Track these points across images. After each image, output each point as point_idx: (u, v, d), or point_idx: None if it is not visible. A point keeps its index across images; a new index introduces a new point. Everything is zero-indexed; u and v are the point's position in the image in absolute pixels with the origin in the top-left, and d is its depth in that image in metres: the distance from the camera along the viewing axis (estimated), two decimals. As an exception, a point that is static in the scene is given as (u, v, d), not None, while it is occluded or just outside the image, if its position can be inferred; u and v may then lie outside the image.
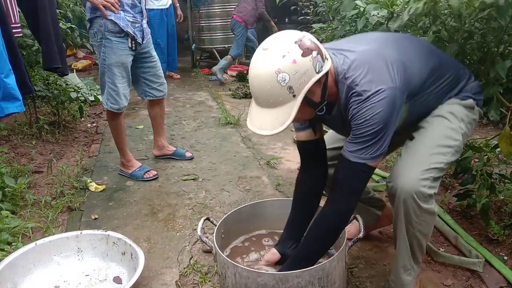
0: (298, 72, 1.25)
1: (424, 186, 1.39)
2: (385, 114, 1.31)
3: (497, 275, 1.76)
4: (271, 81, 1.25)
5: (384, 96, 1.30)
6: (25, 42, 3.29)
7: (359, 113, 1.33)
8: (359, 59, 1.37)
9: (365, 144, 1.33)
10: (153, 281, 1.84)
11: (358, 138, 1.34)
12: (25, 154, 3.19)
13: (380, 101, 1.30)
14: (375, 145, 1.33)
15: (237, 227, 1.86)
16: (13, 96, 2.24)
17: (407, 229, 1.47)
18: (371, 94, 1.31)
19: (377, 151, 1.35)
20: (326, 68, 1.31)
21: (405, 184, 1.40)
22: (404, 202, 1.41)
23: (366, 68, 1.35)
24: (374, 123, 1.31)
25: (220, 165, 3.10)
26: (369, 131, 1.32)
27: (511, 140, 1.72)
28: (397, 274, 1.58)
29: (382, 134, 1.33)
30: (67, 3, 4.13)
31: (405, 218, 1.45)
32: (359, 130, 1.34)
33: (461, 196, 2.13)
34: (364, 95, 1.32)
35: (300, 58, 1.25)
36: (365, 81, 1.33)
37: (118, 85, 2.65)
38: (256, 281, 1.43)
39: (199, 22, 6.79)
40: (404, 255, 1.54)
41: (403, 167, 1.45)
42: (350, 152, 1.36)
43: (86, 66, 6.94)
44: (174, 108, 4.74)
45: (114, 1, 2.50)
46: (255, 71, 1.30)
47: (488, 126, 3.72)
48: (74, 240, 1.92)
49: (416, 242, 1.50)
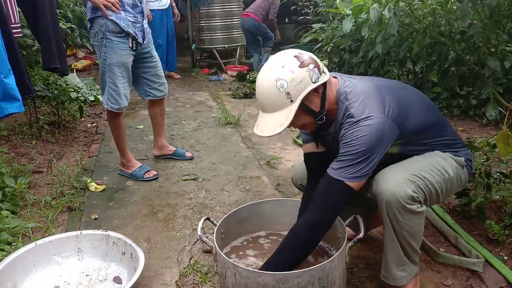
0: (295, 80, 1.42)
1: (408, 187, 1.45)
2: (370, 138, 1.42)
3: (497, 275, 1.76)
4: (272, 88, 1.44)
5: (372, 122, 1.42)
6: (25, 42, 3.29)
7: (347, 133, 1.45)
8: (362, 89, 1.52)
9: (347, 163, 1.44)
10: (153, 281, 1.84)
11: (342, 156, 1.45)
12: (25, 154, 3.19)
13: (368, 126, 1.42)
14: (357, 166, 1.43)
15: (237, 227, 1.86)
16: (13, 96, 2.24)
17: (394, 228, 1.50)
18: (362, 119, 1.44)
19: (358, 172, 1.43)
20: (322, 80, 1.47)
21: (389, 185, 1.46)
22: (387, 202, 1.46)
23: (364, 97, 1.49)
24: (358, 144, 1.42)
25: (220, 165, 3.10)
26: (352, 151, 1.43)
27: (509, 140, 1.72)
28: (387, 268, 1.59)
29: (365, 157, 1.42)
30: (67, 3, 4.13)
31: (389, 218, 1.48)
32: (344, 149, 1.45)
33: (459, 194, 2.14)
34: (355, 118, 1.45)
35: (297, 69, 1.43)
36: (360, 107, 1.46)
37: (119, 85, 2.65)
38: (256, 281, 1.43)
39: (199, 22, 6.78)
40: (393, 250, 1.55)
41: (389, 172, 1.51)
42: (333, 169, 1.47)
43: (86, 66, 6.94)
44: (174, 108, 4.74)
45: (115, 1, 2.50)
46: (259, 80, 1.49)
47: (488, 126, 3.73)
48: (74, 240, 1.93)
49: (405, 241, 1.52)
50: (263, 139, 3.63)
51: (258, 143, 3.55)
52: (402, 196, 1.43)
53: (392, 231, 1.51)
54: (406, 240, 1.52)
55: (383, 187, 1.47)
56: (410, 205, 1.45)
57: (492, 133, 3.26)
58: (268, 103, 1.46)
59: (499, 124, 3.04)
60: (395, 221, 1.48)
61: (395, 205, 1.44)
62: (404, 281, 1.59)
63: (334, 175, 1.45)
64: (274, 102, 1.44)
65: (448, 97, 4.03)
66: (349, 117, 1.46)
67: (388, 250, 1.56)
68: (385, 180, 1.48)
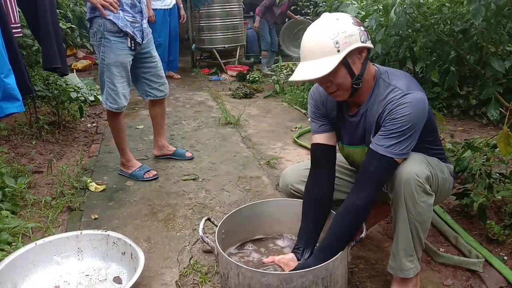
0: (346, 33, 1.45)
1: (425, 168, 1.50)
2: (417, 114, 1.46)
3: (497, 275, 1.76)
4: (323, 34, 1.46)
5: (419, 96, 1.48)
6: (25, 42, 3.29)
7: (397, 108, 1.47)
8: (401, 72, 1.61)
9: (396, 139, 1.47)
10: (153, 281, 1.84)
11: (390, 133, 1.48)
12: (25, 154, 3.19)
13: (417, 100, 1.47)
14: (405, 142, 1.47)
15: (237, 227, 1.86)
16: (13, 96, 2.24)
17: (408, 212, 1.50)
18: (410, 93, 1.48)
19: (405, 149, 1.48)
20: (369, 44, 1.51)
21: (407, 165, 1.49)
22: (406, 180, 1.47)
23: (405, 77, 1.56)
24: (407, 120, 1.45)
25: (220, 165, 3.10)
26: (402, 126, 1.46)
27: (510, 140, 1.72)
28: (396, 257, 1.59)
29: (411, 132, 1.47)
30: (67, 3, 4.13)
31: (405, 199, 1.49)
32: (392, 125, 1.47)
33: (460, 195, 2.14)
34: (404, 92, 1.48)
35: (350, 24, 1.47)
36: (405, 84, 1.51)
37: (117, 85, 2.65)
38: (260, 281, 1.43)
39: (199, 22, 6.78)
40: (404, 237, 1.55)
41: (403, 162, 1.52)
42: (381, 146, 1.49)
43: (86, 66, 6.94)
44: (174, 108, 4.74)
45: (113, 0, 2.50)
46: (310, 27, 1.52)
47: (488, 126, 3.73)
48: (74, 240, 1.92)
49: (415, 230, 1.53)
50: (263, 139, 3.63)
51: (258, 143, 3.55)
52: (420, 174, 1.47)
53: (406, 216, 1.51)
54: (416, 228, 1.52)
55: (402, 168, 1.49)
56: (426, 185, 1.48)
57: (492, 133, 3.26)
58: (315, 48, 1.46)
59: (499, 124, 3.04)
60: (411, 202, 1.48)
61: (413, 183, 1.46)
62: (411, 273, 1.58)
63: (384, 153, 1.48)
64: (321, 48, 1.44)
65: (448, 97, 4.03)
66: (396, 91, 1.49)
67: (399, 237, 1.56)
68: (402, 163, 1.50)
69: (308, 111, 1.83)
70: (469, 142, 2.23)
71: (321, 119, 1.74)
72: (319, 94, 1.73)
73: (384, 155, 1.48)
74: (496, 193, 2.06)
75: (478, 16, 1.67)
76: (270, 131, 3.90)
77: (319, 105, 1.74)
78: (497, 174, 2.22)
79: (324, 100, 1.72)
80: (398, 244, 1.57)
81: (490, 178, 2.05)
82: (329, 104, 1.71)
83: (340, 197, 1.74)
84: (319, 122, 1.74)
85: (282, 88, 5.33)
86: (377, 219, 2.05)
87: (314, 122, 1.76)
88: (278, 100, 5.05)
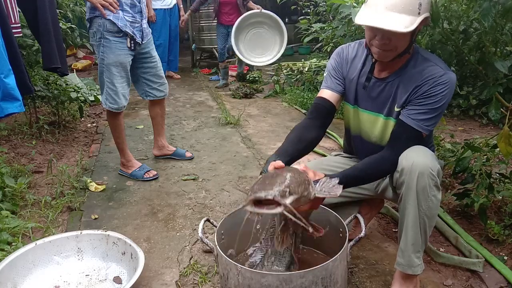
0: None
1: (436, 161, 1.52)
2: (451, 95, 1.54)
3: (497, 275, 1.76)
4: None
5: (455, 79, 1.53)
6: (25, 42, 3.29)
7: (436, 85, 1.51)
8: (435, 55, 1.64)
9: (429, 115, 1.53)
10: (153, 281, 1.84)
11: (425, 108, 1.53)
12: (25, 154, 3.19)
13: (453, 82, 1.52)
14: (434, 119, 1.55)
15: (237, 227, 1.85)
16: (13, 96, 2.24)
17: (419, 205, 1.50)
18: (448, 72, 1.52)
19: (432, 126, 1.56)
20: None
21: (421, 158, 1.49)
22: (420, 173, 1.47)
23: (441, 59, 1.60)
24: (443, 99, 1.52)
25: (220, 165, 3.10)
26: (437, 103, 1.52)
27: (510, 140, 1.72)
28: (405, 253, 1.56)
29: (442, 111, 1.54)
30: (67, 3, 4.13)
31: (418, 192, 1.48)
32: (429, 101, 1.52)
33: (460, 195, 2.14)
34: (444, 71, 1.52)
35: None
36: (444, 64, 1.56)
37: (117, 85, 2.65)
38: (260, 282, 1.42)
39: (199, 22, 6.79)
40: (414, 232, 1.53)
41: (415, 150, 1.53)
42: (413, 120, 1.54)
43: (86, 66, 6.95)
44: (174, 108, 4.74)
45: (112, 0, 2.50)
46: None
47: (488, 126, 3.73)
48: (74, 240, 1.93)
49: (423, 226, 1.52)
50: (263, 139, 3.63)
51: (258, 143, 3.55)
52: (433, 168, 1.47)
53: (417, 210, 1.50)
54: (424, 223, 1.52)
55: (416, 161, 1.48)
56: (437, 179, 1.49)
57: (492, 133, 3.26)
58: (400, 3, 1.44)
59: (499, 124, 3.04)
60: (423, 195, 1.48)
61: (427, 176, 1.46)
62: (419, 270, 1.57)
63: (416, 126, 1.54)
64: (406, 4, 1.43)
65: (448, 97, 4.02)
66: (435, 68, 1.52)
67: (409, 231, 1.54)
68: (413, 156, 1.50)
69: (327, 67, 1.82)
70: (469, 142, 2.23)
71: (338, 78, 1.75)
72: (347, 55, 1.75)
73: (414, 128, 1.54)
74: (496, 193, 2.06)
75: (488, 17, 1.65)
76: (270, 131, 3.90)
77: (343, 64, 1.75)
78: (497, 174, 2.22)
79: (350, 62, 1.74)
80: (407, 239, 1.55)
81: (490, 178, 2.04)
82: (352, 67, 1.73)
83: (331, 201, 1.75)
84: (334, 79, 1.75)
85: (282, 88, 5.33)
86: (371, 214, 2.06)
87: (330, 78, 1.77)
88: (278, 100, 5.05)
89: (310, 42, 4.46)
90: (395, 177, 1.57)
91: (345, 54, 1.76)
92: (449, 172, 2.55)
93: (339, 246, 1.55)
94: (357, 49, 1.75)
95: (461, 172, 2.13)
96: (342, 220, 1.66)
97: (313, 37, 4.21)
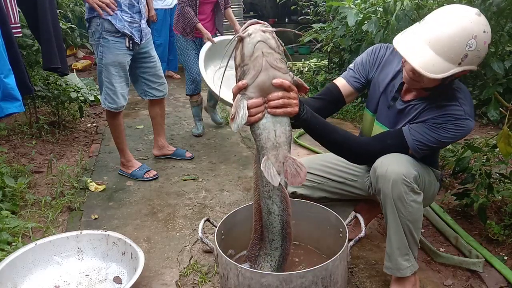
0: (480, 52, 1.34)
1: (412, 168, 1.48)
2: (457, 138, 1.53)
3: (497, 275, 1.76)
4: (462, 37, 1.31)
5: (471, 128, 1.48)
6: (25, 42, 3.29)
7: (451, 126, 1.47)
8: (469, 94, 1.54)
9: (427, 142, 1.50)
10: (153, 281, 1.84)
11: (430, 136, 1.49)
12: (25, 154, 3.19)
13: (468, 130, 1.48)
14: (429, 148, 1.51)
15: (237, 227, 1.86)
16: (13, 96, 2.24)
17: (399, 212, 1.50)
18: (469, 119, 1.48)
19: (424, 152, 1.52)
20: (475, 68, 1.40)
21: (395, 166, 1.48)
22: (394, 181, 1.46)
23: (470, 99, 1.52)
24: (450, 139, 1.50)
25: (220, 165, 3.10)
26: (441, 139, 1.49)
27: (510, 140, 1.72)
28: (392, 257, 1.58)
29: (440, 146, 1.54)
30: (67, 3, 4.13)
31: (394, 201, 1.48)
32: (436, 134, 1.49)
33: (460, 195, 2.14)
34: (465, 115, 1.47)
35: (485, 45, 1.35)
36: (470, 108, 1.49)
37: (116, 85, 2.65)
38: (259, 282, 1.42)
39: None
40: (397, 236, 1.54)
41: (390, 158, 1.52)
42: (412, 137, 1.51)
43: (86, 66, 6.94)
44: (174, 108, 4.74)
45: (109, 1, 2.50)
46: (459, 15, 1.33)
47: (488, 126, 3.73)
48: (74, 240, 1.93)
49: (408, 229, 1.52)
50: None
51: (258, 143, 3.55)
52: (407, 175, 1.45)
53: (397, 217, 1.50)
54: (409, 228, 1.52)
55: (390, 169, 1.47)
56: (414, 184, 1.47)
57: (492, 133, 3.26)
58: (445, 45, 1.32)
59: (499, 124, 3.04)
60: (400, 203, 1.48)
61: (401, 183, 1.45)
62: (408, 272, 1.58)
63: (409, 141, 1.51)
64: (450, 49, 1.31)
65: (448, 97, 4.02)
66: (459, 109, 1.46)
67: (392, 236, 1.55)
68: (387, 163, 1.49)
69: (357, 59, 1.76)
70: (469, 142, 2.24)
71: (360, 75, 1.71)
72: (383, 56, 1.69)
73: (407, 142, 1.51)
74: (496, 193, 2.06)
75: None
76: (270, 131, 3.89)
77: (375, 64, 1.69)
78: (497, 174, 2.23)
79: (382, 66, 1.68)
80: (392, 244, 1.57)
81: (490, 178, 2.05)
82: (383, 73, 1.67)
83: (322, 195, 1.80)
84: (355, 76, 1.71)
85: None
86: (371, 214, 2.06)
87: (352, 71, 1.73)
88: (278, 100, 5.03)
89: (310, 42, 4.46)
90: (373, 184, 1.57)
91: (381, 55, 1.69)
92: (449, 172, 2.55)
93: (339, 246, 1.56)
94: (395, 56, 1.66)
95: (461, 172, 2.13)
96: (342, 220, 1.67)
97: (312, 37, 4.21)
